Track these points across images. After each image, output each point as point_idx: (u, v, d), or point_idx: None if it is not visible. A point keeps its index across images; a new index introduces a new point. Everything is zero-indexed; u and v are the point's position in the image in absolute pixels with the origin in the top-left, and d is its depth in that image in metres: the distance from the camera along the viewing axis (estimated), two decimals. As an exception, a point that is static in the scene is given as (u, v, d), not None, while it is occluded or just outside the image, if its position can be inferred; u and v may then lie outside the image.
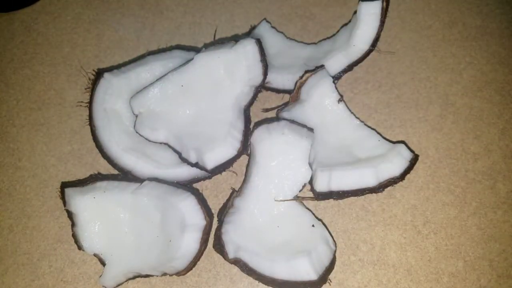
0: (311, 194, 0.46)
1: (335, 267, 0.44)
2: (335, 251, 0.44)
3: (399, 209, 0.47)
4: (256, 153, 0.46)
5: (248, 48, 0.46)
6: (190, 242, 0.42)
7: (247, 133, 0.47)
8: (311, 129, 0.46)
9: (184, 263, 0.42)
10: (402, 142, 0.48)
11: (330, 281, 0.43)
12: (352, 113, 0.48)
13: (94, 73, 0.50)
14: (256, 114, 0.52)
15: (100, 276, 0.43)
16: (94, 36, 0.58)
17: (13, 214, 0.49)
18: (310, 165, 0.45)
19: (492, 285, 0.44)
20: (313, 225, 0.45)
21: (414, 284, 0.44)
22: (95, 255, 0.44)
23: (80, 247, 0.44)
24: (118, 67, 0.51)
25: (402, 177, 0.44)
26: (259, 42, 0.47)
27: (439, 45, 0.55)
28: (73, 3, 0.60)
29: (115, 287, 0.43)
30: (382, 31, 0.48)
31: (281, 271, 0.41)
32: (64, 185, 0.48)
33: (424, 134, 0.51)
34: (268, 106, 0.52)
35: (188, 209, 0.43)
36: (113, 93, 0.49)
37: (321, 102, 0.48)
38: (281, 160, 0.46)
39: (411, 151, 0.45)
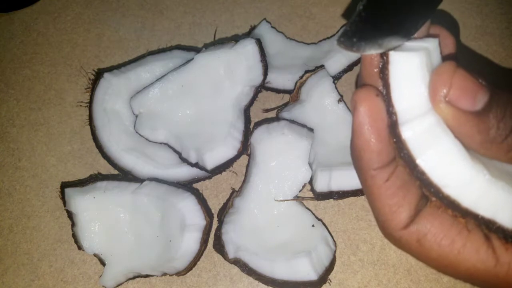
0: (311, 194, 0.46)
1: (335, 267, 0.44)
2: (335, 251, 0.44)
3: (399, 209, 0.47)
4: (256, 153, 0.46)
5: (248, 48, 0.46)
6: (190, 242, 0.42)
7: (247, 133, 0.47)
8: (311, 129, 0.46)
9: (184, 263, 0.42)
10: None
11: (330, 281, 0.43)
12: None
13: (94, 73, 0.50)
14: (256, 114, 0.52)
15: (100, 276, 0.43)
16: (94, 36, 0.58)
17: (13, 214, 0.49)
18: (310, 165, 0.45)
19: (492, 285, 0.44)
20: (313, 225, 0.45)
21: (414, 284, 0.44)
22: (95, 255, 0.44)
23: (80, 247, 0.44)
24: (118, 67, 0.51)
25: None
26: (259, 42, 0.47)
27: (439, 45, 0.55)
28: (73, 3, 0.60)
29: (115, 287, 0.43)
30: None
31: (281, 271, 0.41)
32: (64, 185, 0.48)
33: (424, 134, 0.51)
34: (268, 106, 0.52)
35: (188, 209, 0.43)
36: (113, 93, 0.49)
37: (321, 102, 0.48)
38: (281, 160, 0.46)
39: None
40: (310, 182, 0.45)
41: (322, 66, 0.49)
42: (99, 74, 0.49)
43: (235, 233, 0.44)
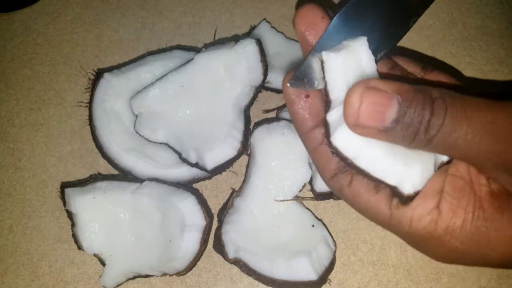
0: (311, 194, 0.46)
1: (335, 267, 0.44)
2: (335, 251, 0.44)
3: (399, 209, 0.47)
4: (256, 153, 0.46)
5: (248, 48, 0.46)
6: (190, 242, 0.42)
7: (247, 133, 0.47)
8: (311, 129, 0.46)
9: (184, 263, 0.42)
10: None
11: (330, 281, 0.43)
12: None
13: (94, 73, 0.50)
14: (256, 115, 0.52)
15: (100, 276, 0.43)
16: (94, 36, 0.58)
17: (13, 214, 0.49)
18: (310, 165, 0.45)
19: (492, 285, 0.44)
20: (313, 225, 0.45)
21: (414, 284, 0.44)
22: (95, 255, 0.44)
23: (80, 247, 0.44)
24: (118, 67, 0.51)
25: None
26: (259, 42, 0.47)
27: (439, 45, 0.55)
28: (73, 3, 0.60)
29: (115, 287, 0.43)
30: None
31: (281, 271, 0.41)
32: (64, 185, 0.48)
33: (424, 134, 0.50)
34: (268, 107, 0.52)
35: (188, 209, 0.43)
36: (113, 93, 0.49)
37: (321, 102, 0.48)
38: (281, 160, 0.46)
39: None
40: (310, 182, 0.45)
41: (322, 66, 0.49)
42: (99, 74, 0.49)
43: (235, 233, 0.44)
